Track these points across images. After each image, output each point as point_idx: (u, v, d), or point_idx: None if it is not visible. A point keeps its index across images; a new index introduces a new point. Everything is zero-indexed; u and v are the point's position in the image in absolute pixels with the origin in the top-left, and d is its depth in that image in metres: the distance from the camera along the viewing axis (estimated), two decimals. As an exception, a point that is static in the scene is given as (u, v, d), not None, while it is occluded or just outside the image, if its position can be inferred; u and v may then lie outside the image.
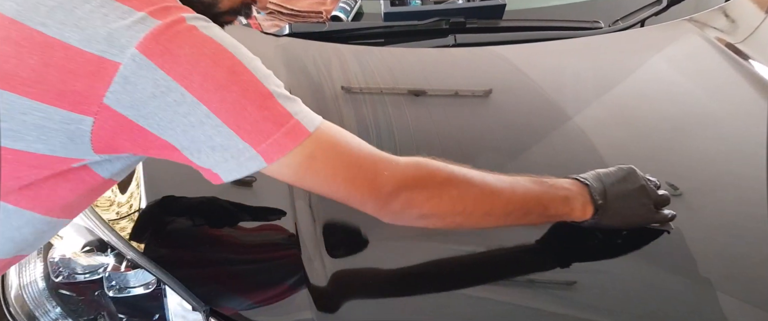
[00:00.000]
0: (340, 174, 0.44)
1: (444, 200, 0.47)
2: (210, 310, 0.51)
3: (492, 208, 0.49)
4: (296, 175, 0.43)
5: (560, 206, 0.51)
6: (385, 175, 0.45)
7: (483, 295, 0.55)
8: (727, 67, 0.86)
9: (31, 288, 0.57)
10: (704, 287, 0.54)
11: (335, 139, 0.44)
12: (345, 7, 0.96)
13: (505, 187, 0.49)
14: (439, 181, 0.47)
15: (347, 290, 0.54)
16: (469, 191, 0.48)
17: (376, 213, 0.47)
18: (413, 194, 0.46)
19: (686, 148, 0.73)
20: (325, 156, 0.43)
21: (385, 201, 0.46)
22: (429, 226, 0.49)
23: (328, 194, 0.46)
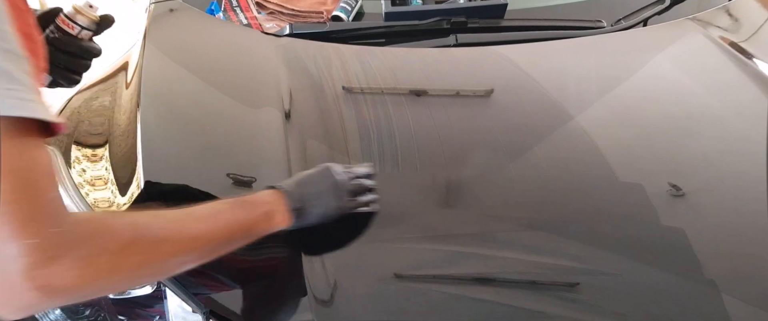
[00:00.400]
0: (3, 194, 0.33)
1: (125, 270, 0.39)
2: (210, 312, 0.51)
3: (189, 257, 0.44)
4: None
5: (263, 223, 0.51)
6: (48, 231, 0.34)
7: (484, 296, 0.54)
8: (731, 67, 0.85)
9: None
10: (708, 288, 0.53)
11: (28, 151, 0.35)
12: (346, 7, 0.96)
13: (206, 227, 0.46)
14: (120, 247, 0.38)
15: (347, 292, 0.54)
16: (159, 249, 0.41)
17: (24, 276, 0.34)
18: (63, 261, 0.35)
19: (689, 147, 0.72)
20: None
21: (27, 265, 0.34)
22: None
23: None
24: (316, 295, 0.52)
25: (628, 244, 0.58)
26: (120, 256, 0.38)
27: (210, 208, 0.47)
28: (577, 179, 0.68)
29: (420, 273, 0.56)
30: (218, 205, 0.48)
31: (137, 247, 0.39)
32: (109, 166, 0.69)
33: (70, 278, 0.35)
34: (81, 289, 0.37)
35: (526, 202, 0.64)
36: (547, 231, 0.60)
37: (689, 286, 0.55)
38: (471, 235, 0.60)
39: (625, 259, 0.57)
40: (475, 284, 0.55)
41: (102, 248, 0.37)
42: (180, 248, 0.43)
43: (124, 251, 0.39)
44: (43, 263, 0.34)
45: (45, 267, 0.34)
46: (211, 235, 0.46)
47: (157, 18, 0.97)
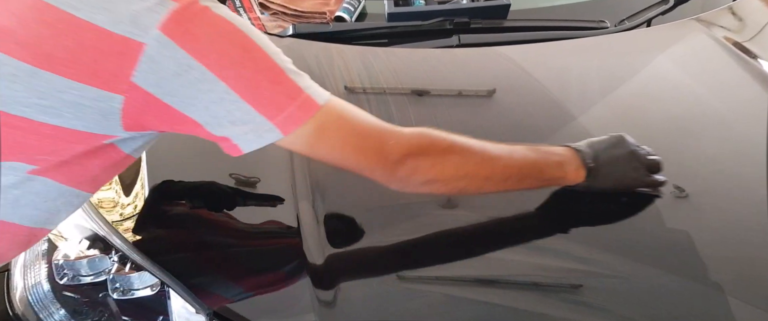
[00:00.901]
0: (349, 143, 0.48)
1: (447, 166, 0.51)
2: (213, 312, 0.51)
3: (491, 173, 0.53)
4: (309, 145, 0.47)
5: (554, 170, 0.55)
6: (391, 143, 0.48)
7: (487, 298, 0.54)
8: (735, 67, 0.85)
9: (36, 290, 0.58)
10: (713, 290, 0.53)
11: (344, 112, 0.48)
12: (348, 7, 0.96)
13: (503, 153, 0.53)
14: (441, 149, 0.51)
15: (351, 292, 0.54)
16: (470, 158, 0.52)
17: (384, 179, 0.50)
18: (418, 161, 0.49)
19: (693, 148, 0.72)
20: (335, 127, 0.47)
21: (392, 168, 0.49)
22: (433, 191, 0.53)
23: (340, 163, 0.49)
24: (319, 295, 0.52)
25: (630, 245, 0.58)
26: (446, 154, 0.51)
27: (504, 145, 0.54)
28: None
29: (422, 274, 0.56)
30: (510, 145, 0.54)
31: (453, 148, 0.51)
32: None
33: (422, 165, 0.49)
34: (427, 172, 0.50)
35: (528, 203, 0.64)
36: (549, 232, 0.60)
37: (693, 288, 0.54)
38: (474, 236, 0.60)
39: (628, 261, 0.56)
40: (478, 286, 0.55)
41: (433, 146, 0.51)
42: (484, 160, 0.52)
43: (447, 151, 0.51)
44: (405, 158, 0.49)
45: (408, 160, 0.49)
46: (507, 162, 0.53)
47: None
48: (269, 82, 0.43)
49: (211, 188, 0.66)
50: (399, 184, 0.51)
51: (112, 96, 0.40)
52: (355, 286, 0.54)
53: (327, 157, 0.49)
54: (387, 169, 0.49)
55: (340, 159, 0.49)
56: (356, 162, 0.49)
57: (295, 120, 0.44)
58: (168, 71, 0.40)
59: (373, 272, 0.56)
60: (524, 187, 0.55)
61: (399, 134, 0.50)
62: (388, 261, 0.57)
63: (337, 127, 0.47)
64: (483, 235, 0.60)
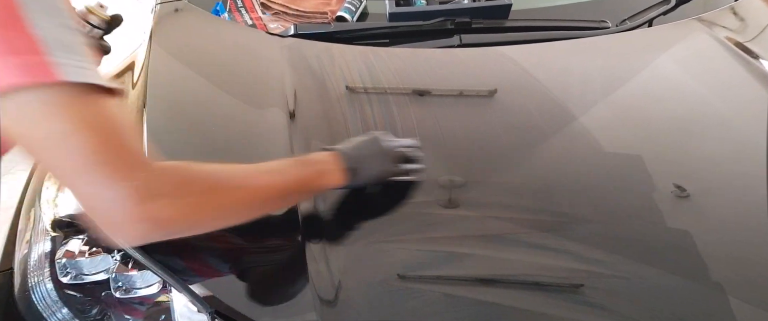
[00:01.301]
0: (92, 150, 0.37)
1: (207, 211, 0.45)
2: (215, 312, 0.51)
3: (258, 205, 0.50)
4: (17, 121, 0.36)
5: (319, 179, 0.56)
6: (141, 173, 0.39)
7: (489, 298, 0.54)
8: (737, 67, 0.84)
9: (39, 288, 0.58)
10: (714, 290, 0.53)
11: (105, 110, 0.38)
12: (350, 7, 0.96)
13: (270, 179, 0.51)
14: (200, 191, 0.44)
15: (352, 292, 0.54)
16: (233, 196, 0.47)
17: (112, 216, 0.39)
18: (154, 203, 0.40)
19: (695, 149, 0.72)
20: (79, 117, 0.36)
21: (130, 204, 0.38)
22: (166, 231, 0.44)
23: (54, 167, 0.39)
24: (321, 295, 0.52)
25: (632, 245, 0.58)
26: (205, 196, 0.44)
27: (274, 164, 0.52)
28: (581, 180, 0.68)
29: (424, 274, 0.56)
30: (281, 162, 0.54)
31: (217, 191, 0.46)
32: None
33: (169, 212, 0.41)
34: (179, 223, 0.43)
35: (530, 203, 0.64)
36: (551, 232, 0.60)
37: (695, 288, 0.54)
38: (475, 235, 0.60)
39: (629, 261, 0.56)
40: (480, 285, 0.55)
41: (190, 190, 0.43)
42: (251, 195, 0.49)
43: (208, 193, 0.45)
44: (144, 200, 0.39)
45: (146, 203, 0.39)
46: (275, 186, 0.51)
47: (163, 19, 0.97)
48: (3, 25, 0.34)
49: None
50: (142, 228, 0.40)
51: None
52: (356, 285, 0.54)
53: (44, 161, 0.39)
54: (123, 202, 0.38)
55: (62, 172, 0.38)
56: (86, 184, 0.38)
57: (10, 75, 0.34)
58: None
59: (375, 272, 0.56)
60: (295, 202, 0.57)
61: (152, 166, 0.40)
62: (389, 260, 0.57)
63: (87, 128, 0.36)
64: (484, 235, 0.60)
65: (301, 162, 0.55)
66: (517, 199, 0.65)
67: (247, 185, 0.48)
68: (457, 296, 0.54)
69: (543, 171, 0.69)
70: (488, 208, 0.64)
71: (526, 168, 0.70)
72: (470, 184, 0.66)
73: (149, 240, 0.43)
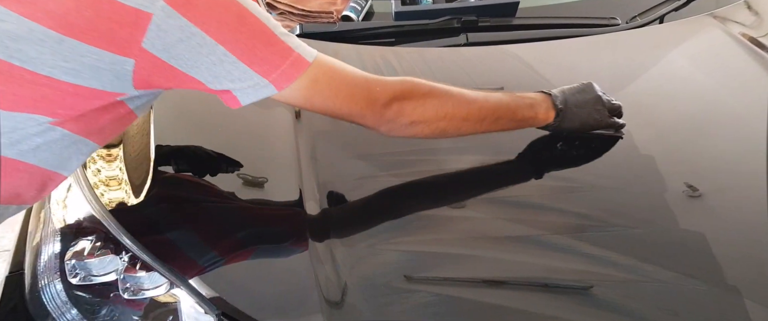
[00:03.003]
0: (340, 92, 0.54)
1: (427, 108, 0.57)
2: (221, 313, 0.52)
3: (468, 114, 0.59)
4: (304, 97, 0.53)
5: (526, 111, 0.62)
6: (377, 89, 0.55)
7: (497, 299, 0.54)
8: (752, 64, 0.83)
9: (49, 289, 0.58)
10: (727, 291, 0.52)
11: (332, 66, 0.54)
12: (355, 6, 0.95)
13: (479, 97, 0.61)
14: (422, 93, 0.58)
15: (358, 293, 0.54)
16: (448, 100, 0.59)
17: (374, 123, 0.57)
18: (402, 104, 0.56)
19: (707, 147, 0.71)
20: (326, 79, 0.53)
21: (380, 112, 0.56)
22: (418, 133, 0.59)
23: (333, 111, 0.55)
24: (327, 296, 0.52)
25: (642, 246, 0.57)
26: (425, 97, 0.58)
27: (479, 91, 0.62)
28: (591, 180, 0.67)
29: (430, 275, 0.56)
30: (495, 93, 0.63)
31: (433, 92, 0.59)
32: (124, 167, 0.70)
33: (407, 109, 0.56)
34: (412, 115, 0.57)
35: (538, 203, 0.64)
36: (560, 232, 0.59)
37: (707, 289, 0.53)
38: (482, 237, 0.60)
39: (639, 262, 0.56)
40: (488, 287, 0.55)
41: (414, 91, 0.58)
42: (461, 102, 0.59)
43: (427, 95, 0.58)
44: (386, 109, 0.56)
45: (389, 109, 0.56)
46: (482, 103, 0.60)
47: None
48: (263, 44, 0.50)
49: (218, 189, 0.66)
50: (387, 127, 0.57)
51: (125, 60, 0.47)
52: (362, 286, 0.54)
53: (321, 107, 0.55)
54: (375, 113, 0.56)
55: (333, 108, 0.55)
56: (348, 109, 0.55)
57: (288, 76, 0.51)
58: (173, 38, 0.47)
59: (381, 273, 0.56)
60: (500, 128, 0.62)
61: (384, 81, 0.56)
62: (395, 262, 0.57)
63: (328, 79, 0.53)
64: (492, 236, 0.60)
65: (515, 95, 0.63)
66: (525, 199, 0.64)
67: (475, 100, 0.60)
68: (464, 298, 0.54)
69: (551, 170, 0.68)
70: (495, 209, 0.63)
71: (533, 167, 0.69)
72: (476, 184, 0.66)
73: (406, 135, 0.58)
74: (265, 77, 0.50)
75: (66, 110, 0.47)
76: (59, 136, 0.48)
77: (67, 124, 0.48)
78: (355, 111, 0.55)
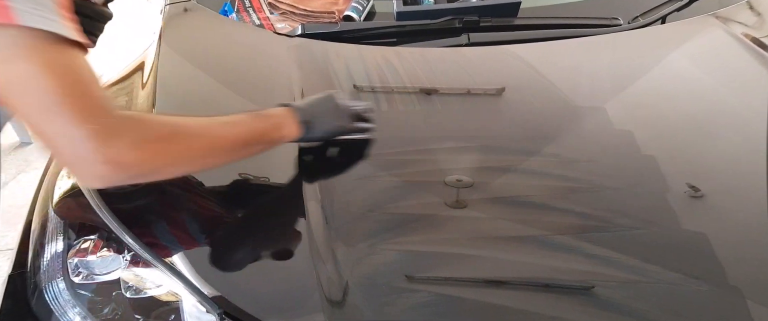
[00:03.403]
0: (54, 92, 0.40)
1: (167, 156, 0.48)
2: (223, 312, 0.52)
3: (217, 152, 0.54)
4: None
5: (275, 132, 0.60)
6: (101, 119, 0.42)
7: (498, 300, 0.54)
8: (755, 64, 0.82)
9: (52, 288, 0.59)
10: (729, 291, 0.52)
11: (66, 57, 0.41)
12: (357, 6, 0.95)
13: (228, 129, 0.55)
14: (160, 137, 0.48)
15: (359, 293, 0.54)
16: (193, 143, 0.51)
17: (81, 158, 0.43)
18: (134, 150, 0.44)
19: (709, 148, 0.70)
20: (38, 61, 0.39)
21: (92, 145, 0.41)
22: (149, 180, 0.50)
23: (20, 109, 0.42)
24: (329, 296, 0.52)
25: (643, 246, 0.57)
26: (165, 142, 0.48)
27: (231, 117, 0.56)
28: (592, 181, 0.67)
29: (432, 275, 0.56)
30: (238, 115, 0.57)
31: (177, 137, 0.49)
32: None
33: (130, 156, 0.44)
34: (140, 167, 0.46)
35: (540, 202, 0.64)
36: (562, 233, 0.59)
37: (709, 290, 0.53)
38: (484, 236, 0.60)
39: (640, 262, 0.55)
40: (489, 287, 0.55)
41: (150, 135, 0.47)
42: (209, 143, 0.53)
43: (168, 139, 0.48)
44: (106, 143, 0.42)
45: (108, 145, 0.42)
46: (232, 136, 0.55)
47: (172, 19, 0.98)
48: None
49: (220, 190, 0.67)
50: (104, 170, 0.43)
51: None
52: (363, 286, 0.54)
53: (12, 101, 0.41)
54: (89, 147, 0.41)
55: (28, 112, 0.41)
56: (51, 125, 0.41)
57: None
58: None
59: (382, 273, 0.56)
60: (251, 154, 0.59)
61: (114, 112, 0.43)
62: (397, 261, 0.57)
63: (50, 72, 0.39)
64: (493, 236, 0.60)
65: (257, 115, 0.59)
66: (527, 199, 0.64)
67: (206, 134, 0.52)
68: (465, 298, 0.54)
69: (553, 171, 0.68)
70: (497, 209, 0.63)
71: (536, 168, 0.69)
72: (479, 184, 0.66)
73: (113, 183, 0.46)
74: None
75: None
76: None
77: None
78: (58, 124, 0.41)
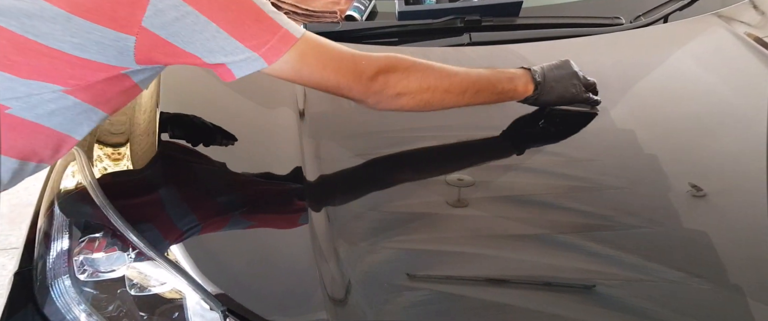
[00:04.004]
0: (328, 65, 0.59)
1: (411, 80, 0.61)
2: (227, 309, 0.52)
3: (450, 86, 0.64)
4: (293, 70, 0.57)
5: (506, 84, 0.67)
6: (363, 63, 0.60)
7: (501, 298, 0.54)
8: (757, 64, 0.82)
9: (58, 285, 0.59)
10: (731, 291, 0.52)
11: (319, 41, 0.59)
12: (359, 6, 0.96)
13: (460, 70, 0.65)
14: (406, 66, 0.62)
15: (362, 291, 0.54)
16: (431, 73, 0.63)
17: (361, 95, 0.61)
18: (387, 77, 0.60)
19: (712, 147, 0.70)
20: (314, 53, 0.58)
21: (366, 84, 0.60)
22: (403, 105, 0.63)
23: (321, 84, 0.60)
24: (331, 294, 0.53)
25: (644, 245, 0.57)
26: (409, 70, 0.62)
27: (471, 69, 0.66)
28: (594, 180, 0.67)
29: (434, 273, 0.56)
30: (476, 68, 0.67)
31: (416, 66, 0.63)
32: (130, 165, 0.71)
33: (391, 82, 0.61)
34: (395, 87, 0.61)
35: (541, 202, 0.64)
36: (564, 232, 0.59)
37: (711, 290, 0.53)
38: (486, 235, 0.60)
39: (642, 261, 0.56)
40: (492, 286, 0.55)
41: (397, 65, 0.62)
42: (443, 75, 0.64)
43: (411, 68, 0.62)
44: (383, 72, 0.61)
45: (383, 76, 0.60)
46: (464, 76, 0.65)
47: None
48: (252, 20, 0.54)
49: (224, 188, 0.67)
50: (374, 99, 0.61)
51: (127, 37, 0.52)
52: (365, 284, 0.55)
53: (309, 80, 0.59)
54: (362, 85, 0.60)
55: (321, 80, 0.59)
56: (335, 81, 0.59)
57: (277, 50, 0.55)
58: (169, 16, 0.52)
59: (384, 271, 0.56)
60: (482, 100, 0.66)
61: (369, 56, 0.61)
62: (399, 259, 0.58)
63: (316, 53, 0.58)
64: (496, 235, 0.60)
65: (495, 69, 0.68)
66: (529, 198, 0.65)
67: (458, 73, 0.64)
68: (467, 296, 0.54)
69: (555, 170, 0.68)
70: (499, 208, 0.64)
71: (537, 167, 0.69)
72: (481, 183, 0.66)
73: (391, 107, 0.63)
74: (256, 51, 0.55)
75: (76, 80, 0.53)
76: (71, 104, 0.54)
77: (77, 93, 0.54)
78: (342, 83, 0.59)
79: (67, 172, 0.71)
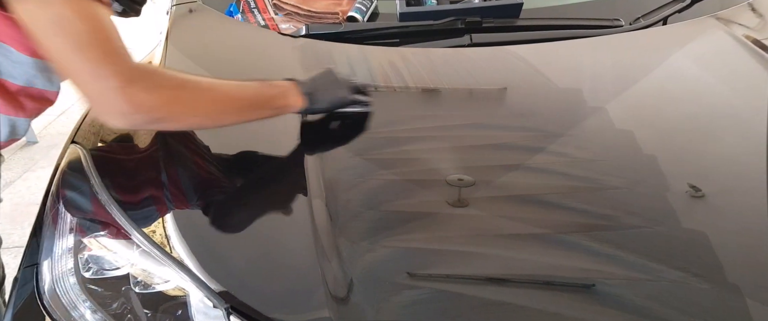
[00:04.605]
0: (82, 38, 0.48)
1: (179, 105, 0.56)
2: (230, 307, 0.53)
3: (225, 108, 0.62)
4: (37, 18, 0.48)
5: (280, 100, 0.66)
6: (124, 63, 0.51)
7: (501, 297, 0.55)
8: (756, 66, 0.83)
9: (63, 282, 0.60)
10: (729, 291, 0.52)
11: (93, 8, 0.49)
12: (361, 7, 0.96)
13: (236, 90, 0.63)
14: (173, 85, 0.56)
15: (364, 290, 0.54)
16: (203, 95, 0.59)
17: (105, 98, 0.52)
18: (148, 94, 0.53)
19: (710, 148, 0.71)
20: (77, 15, 0.48)
21: (115, 83, 0.50)
22: (164, 128, 0.61)
23: (58, 55, 0.50)
24: (334, 292, 0.53)
25: (644, 245, 0.57)
26: (177, 90, 0.56)
27: (239, 82, 0.63)
28: (593, 180, 0.67)
29: (436, 272, 0.56)
30: (245, 81, 0.64)
31: (186, 88, 0.57)
32: (135, 164, 0.71)
33: (147, 98, 0.52)
34: (156, 110, 0.53)
35: (542, 202, 0.64)
36: (563, 232, 0.59)
37: (709, 290, 0.54)
38: (487, 235, 0.60)
39: (641, 261, 0.56)
40: (493, 285, 0.55)
41: (163, 82, 0.55)
42: (218, 98, 0.60)
43: (179, 88, 0.56)
44: (127, 82, 0.50)
45: (129, 85, 0.51)
46: (240, 95, 0.62)
47: (178, 20, 0.99)
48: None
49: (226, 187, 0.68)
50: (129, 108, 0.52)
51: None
52: (367, 283, 0.55)
53: (47, 42, 0.49)
54: (111, 84, 0.50)
55: (61, 51, 0.49)
56: (80, 63, 0.49)
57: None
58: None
59: (386, 270, 0.57)
60: (257, 117, 0.65)
61: (133, 60, 0.53)
62: (400, 259, 0.58)
63: (80, 17, 0.48)
64: (497, 235, 0.60)
65: (264, 83, 0.66)
66: (530, 198, 0.65)
67: (215, 89, 0.60)
68: (469, 295, 0.54)
69: (555, 171, 0.68)
70: (499, 208, 0.64)
71: (537, 168, 0.69)
72: (481, 183, 0.66)
73: (135, 123, 0.54)
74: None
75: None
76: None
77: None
78: (87, 68, 0.49)
79: (71, 171, 0.71)
